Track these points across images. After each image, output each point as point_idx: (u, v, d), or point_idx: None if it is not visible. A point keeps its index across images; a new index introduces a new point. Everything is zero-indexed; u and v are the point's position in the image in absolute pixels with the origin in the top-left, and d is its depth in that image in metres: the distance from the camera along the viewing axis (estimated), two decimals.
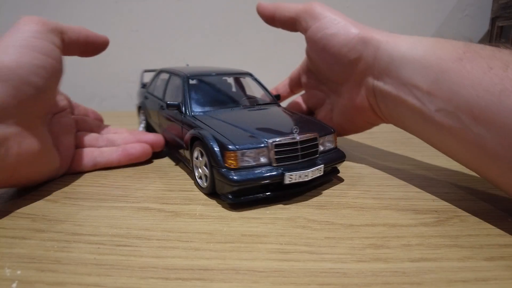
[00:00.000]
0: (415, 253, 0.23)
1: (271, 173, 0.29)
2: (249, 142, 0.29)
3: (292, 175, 0.29)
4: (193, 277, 0.20)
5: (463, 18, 0.77)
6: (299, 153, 0.31)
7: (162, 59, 0.79)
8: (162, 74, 0.47)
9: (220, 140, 0.30)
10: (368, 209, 0.29)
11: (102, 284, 0.19)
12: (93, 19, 0.79)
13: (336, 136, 0.35)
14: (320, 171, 0.31)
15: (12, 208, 0.28)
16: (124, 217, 0.27)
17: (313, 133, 0.32)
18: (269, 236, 0.25)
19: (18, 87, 0.28)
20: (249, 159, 0.29)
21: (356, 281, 0.20)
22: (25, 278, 0.20)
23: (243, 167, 0.29)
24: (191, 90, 0.39)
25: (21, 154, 0.28)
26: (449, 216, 0.28)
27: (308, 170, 0.30)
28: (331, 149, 0.34)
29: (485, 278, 0.20)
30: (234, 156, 0.29)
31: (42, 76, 0.30)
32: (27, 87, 0.29)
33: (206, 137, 0.31)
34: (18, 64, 0.28)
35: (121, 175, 0.36)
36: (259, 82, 0.44)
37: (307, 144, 0.31)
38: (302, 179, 0.30)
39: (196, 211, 0.28)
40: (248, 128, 0.32)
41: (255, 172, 0.29)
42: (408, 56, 0.31)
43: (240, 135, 0.31)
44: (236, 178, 0.28)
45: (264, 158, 0.30)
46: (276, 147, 0.30)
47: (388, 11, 0.77)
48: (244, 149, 0.29)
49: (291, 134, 0.30)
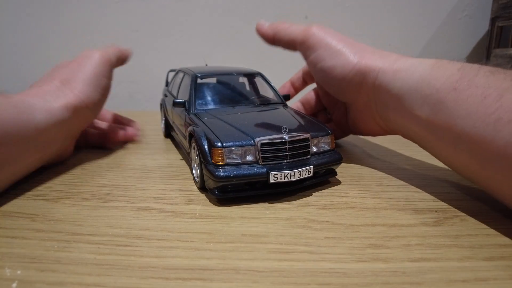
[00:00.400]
0: (415, 253, 0.23)
1: (256, 171, 0.29)
2: (237, 140, 0.30)
3: (277, 174, 0.29)
4: (193, 277, 0.20)
5: (463, 18, 0.77)
6: (287, 153, 0.30)
7: (162, 59, 0.79)
8: (179, 73, 0.48)
9: (209, 137, 0.30)
10: (368, 209, 0.29)
11: (102, 284, 0.19)
12: (94, 19, 0.79)
13: (334, 138, 0.35)
14: (309, 172, 0.31)
15: (12, 208, 0.29)
16: (124, 217, 0.27)
17: (304, 134, 0.32)
18: (269, 236, 0.25)
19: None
20: (236, 157, 0.30)
21: (356, 281, 0.20)
22: (25, 278, 0.20)
23: (229, 164, 0.29)
24: (197, 88, 0.40)
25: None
26: (449, 216, 0.28)
27: (294, 170, 0.30)
28: (327, 150, 0.34)
29: (485, 278, 0.20)
30: (221, 153, 0.29)
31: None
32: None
33: (197, 133, 0.32)
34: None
35: (121, 175, 0.36)
36: (268, 82, 0.44)
37: (297, 144, 0.31)
38: (288, 179, 0.30)
39: (196, 211, 0.29)
40: (242, 127, 0.32)
41: (240, 169, 0.29)
42: (405, 87, 0.32)
43: (230, 133, 0.31)
44: (220, 175, 0.29)
45: (251, 156, 0.30)
46: (262, 145, 0.30)
47: (388, 11, 0.77)
48: (230, 146, 0.29)
49: (280, 133, 0.31)
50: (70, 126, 0.37)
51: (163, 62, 0.79)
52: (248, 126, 0.32)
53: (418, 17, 0.77)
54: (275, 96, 0.43)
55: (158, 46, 0.80)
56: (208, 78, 0.43)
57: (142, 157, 0.43)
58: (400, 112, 0.33)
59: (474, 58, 0.79)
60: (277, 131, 0.31)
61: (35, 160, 0.34)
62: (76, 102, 0.37)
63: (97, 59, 0.40)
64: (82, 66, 0.40)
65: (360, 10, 0.77)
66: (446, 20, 0.77)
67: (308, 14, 0.77)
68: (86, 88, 0.38)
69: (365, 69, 0.35)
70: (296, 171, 0.30)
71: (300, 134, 0.31)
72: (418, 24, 0.78)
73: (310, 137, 0.32)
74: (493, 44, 0.68)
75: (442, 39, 0.78)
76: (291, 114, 0.38)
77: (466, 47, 0.79)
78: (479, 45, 0.78)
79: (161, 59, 0.79)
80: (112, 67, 0.43)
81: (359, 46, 0.38)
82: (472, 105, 0.26)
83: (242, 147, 0.30)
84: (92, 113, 0.40)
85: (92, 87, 0.39)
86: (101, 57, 0.41)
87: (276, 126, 0.32)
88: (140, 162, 0.41)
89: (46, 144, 0.34)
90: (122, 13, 0.78)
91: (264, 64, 0.79)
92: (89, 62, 0.40)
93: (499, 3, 0.65)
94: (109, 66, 0.42)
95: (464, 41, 0.79)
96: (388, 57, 0.35)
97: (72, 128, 0.38)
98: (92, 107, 0.39)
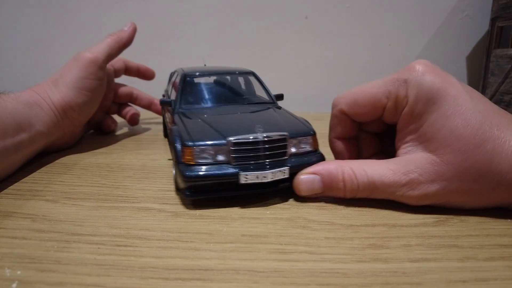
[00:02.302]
0: (415, 253, 0.23)
1: (226, 171, 0.28)
2: (209, 139, 0.29)
3: (247, 175, 0.28)
4: (193, 277, 0.20)
5: (463, 19, 0.77)
6: (262, 153, 0.29)
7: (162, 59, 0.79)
8: (175, 73, 0.48)
9: (182, 136, 0.30)
10: (368, 209, 0.29)
11: (102, 284, 0.19)
12: (94, 19, 0.79)
13: (316, 139, 0.32)
14: (284, 173, 0.29)
15: (12, 208, 0.29)
16: (124, 217, 0.27)
17: (281, 133, 0.30)
18: (269, 236, 0.25)
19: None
20: (208, 156, 0.29)
21: (356, 281, 0.20)
22: (25, 278, 0.20)
23: (199, 163, 0.29)
24: (185, 88, 0.39)
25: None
26: (449, 216, 0.28)
27: (267, 171, 0.29)
28: (308, 151, 0.32)
29: (485, 278, 0.20)
30: (191, 152, 0.29)
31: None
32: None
33: (172, 132, 0.31)
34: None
35: (121, 175, 0.36)
36: (260, 82, 0.44)
37: (272, 144, 0.29)
38: (260, 180, 0.28)
39: (196, 211, 0.28)
40: (219, 126, 0.31)
41: (210, 169, 0.28)
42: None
43: (205, 132, 0.30)
44: (188, 174, 0.28)
45: (223, 156, 0.29)
46: (234, 145, 0.29)
47: (388, 11, 0.77)
48: (200, 145, 0.29)
49: (255, 133, 0.29)
50: (62, 123, 0.42)
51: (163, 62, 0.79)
52: (226, 125, 0.31)
53: (418, 17, 0.77)
54: (266, 95, 0.42)
55: (158, 46, 0.80)
56: (197, 78, 0.42)
57: (142, 157, 0.43)
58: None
59: (474, 58, 0.79)
60: (253, 131, 0.30)
61: (40, 146, 0.39)
62: (61, 103, 0.41)
63: (84, 61, 0.42)
64: (69, 70, 0.43)
65: (360, 10, 0.77)
66: (446, 20, 0.77)
67: (308, 14, 0.77)
68: (70, 91, 0.41)
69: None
70: (269, 172, 0.29)
71: (276, 134, 0.30)
72: (418, 24, 0.78)
73: (288, 137, 0.30)
74: (493, 44, 0.68)
75: (442, 39, 0.78)
76: (277, 114, 0.36)
77: (466, 47, 0.79)
78: (479, 45, 0.78)
79: (161, 59, 0.79)
80: (104, 64, 0.45)
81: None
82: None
83: (214, 147, 0.29)
84: (78, 114, 0.43)
85: (76, 90, 0.42)
86: (87, 59, 0.43)
87: (255, 126, 0.31)
88: (140, 162, 0.41)
89: (49, 134, 0.40)
90: (122, 13, 0.78)
91: (264, 64, 0.79)
92: (75, 65, 0.42)
93: (499, 3, 0.65)
94: (96, 67, 0.43)
95: (464, 41, 0.79)
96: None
97: (64, 126, 0.42)
98: (77, 109, 0.42)
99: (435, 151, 0.26)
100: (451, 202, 0.27)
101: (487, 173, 0.25)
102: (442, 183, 0.26)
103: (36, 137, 0.37)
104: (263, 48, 0.79)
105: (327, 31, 0.77)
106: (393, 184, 0.27)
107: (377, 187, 0.28)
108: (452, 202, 0.27)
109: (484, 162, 0.25)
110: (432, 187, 0.26)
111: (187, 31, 0.80)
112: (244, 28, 0.78)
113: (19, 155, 0.35)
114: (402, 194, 0.27)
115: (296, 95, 0.81)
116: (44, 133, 0.39)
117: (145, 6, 0.78)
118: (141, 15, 0.79)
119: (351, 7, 0.76)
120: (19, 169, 0.37)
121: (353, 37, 0.77)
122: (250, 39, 0.78)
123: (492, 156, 0.25)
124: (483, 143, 0.25)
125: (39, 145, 0.39)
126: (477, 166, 0.25)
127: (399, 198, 0.28)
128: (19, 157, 0.36)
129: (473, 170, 0.25)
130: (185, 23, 0.79)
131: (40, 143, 0.39)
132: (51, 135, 0.40)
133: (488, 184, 0.25)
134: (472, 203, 0.27)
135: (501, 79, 0.64)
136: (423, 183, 0.27)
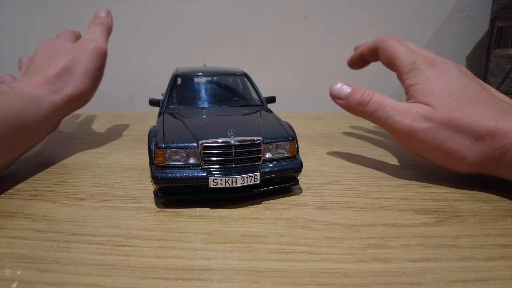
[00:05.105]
0: (415, 253, 0.23)
1: (195, 175, 0.28)
2: (181, 141, 0.29)
3: (216, 179, 0.28)
4: (193, 277, 0.20)
5: (463, 19, 0.77)
6: (233, 158, 0.29)
7: (162, 59, 0.79)
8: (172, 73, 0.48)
9: (157, 137, 0.30)
10: (368, 209, 0.29)
11: (102, 284, 0.19)
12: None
13: (295, 144, 0.32)
14: (255, 179, 0.29)
15: (12, 208, 0.28)
16: (124, 217, 0.27)
17: (254, 138, 0.29)
18: (269, 236, 0.25)
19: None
20: (179, 158, 0.29)
21: (356, 281, 0.20)
22: (25, 278, 0.20)
23: (170, 165, 0.29)
24: (174, 88, 0.40)
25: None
26: (449, 216, 0.28)
27: (236, 176, 0.28)
28: (285, 157, 0.31)
29: (485, 278, 0.20)
30: (162, 154, 0.29)
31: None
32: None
33: (149, 133, 0.31)
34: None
35: (121, 175, 0.36)
36: (252, 84, 0.43)
37: (244, 149, 0.29)
38: (229, 185, 0.28)
39: (196, 211, 0.28)
40: (195, 128, 0.31)
41: (179, 172, 0.29)
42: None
43: (180, 134, 0.30)
44: (158, 176, 0.28)
45: (194, 159, 0.29)
46: (205, 148, 0.29)
47: (388, 11, 0.77)
48: (172, 147, 0.29)
49: (227, 136, 0.29)
50: (68, 110, 0.43)
51: (163, 62, 0.79)
52: (202, 128, 0.31)
53: (418, 17, 0.77)
54: (257, 98, 0.41)
55: (158, 46, 0.80)
56: (188, 78, 0.41)
57: (142, 157, 0.43)
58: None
59: (474, 58, 0.79)
60: (226, 135, 0.29)
61: (40, 139, 0.40)
62: (76, 93, 0.42)
63: (96, 53, 0.44)
64: (83, 58, 0.43)
65: (360, 10, 0.77)
66: (446, 20, 0.77)
67: (308, 14, 0.77)
68: (86, 81, 0.43)
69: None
70: (239, 178, 0.28)
71: (248, 139, 0.29)
72: (418, 24, 0.78)
73: (261, 142, 0.30)
74: (493, 44, 0.68)
75: (442, 39, 0.78)
76: (262, 117, 0.35)
77: (466, 47, 0.79)
78: (479, 45, 0.78)
79: (161, 59, 0.79)
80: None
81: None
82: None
83: (185, 149, 0.29)
84: (86, 100, 0.45)
85: (92, 80, 0.44)
86: (98, 50, 0.44)
87: (231, 129, 0.30)
88: (140, 162, 0.41)
89: (49, 126, 0.41)
90: (122, 13, 0.78)
91: (264, 64, 0.79)
92: (88, 55, 0.43)
93: (499, 3, 0.65)
94: (105, 58, 0.46)
95: (464, 41, 0.78)
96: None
97: (68, 112, 0.44)
98: (87, 95, 0.45)
99: (432, 102, 0.33)
100: (435, 153, 0.33)
101: (468, 129, 0.30)
102: (432, 124, 0.32)
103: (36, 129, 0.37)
104: (263, 48, 0.79)
105: (327, 31, 0.77)
106: (395, 108, 0.34)
107: (383, 106, 0.34)
108: (436, 155, 0.33)
109: (467, 120, 0.30)
110: (424, 124, 0.32)
111: (187, 31, 0.80)
112: (244, 28, 0.78)
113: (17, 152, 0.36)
114: (396, 120, 0.33)
115: (296, 95, 0.81)
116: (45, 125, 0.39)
117: (145, 6, 0.78)
118: (141, 15, 0.79)
119: (351, 7, 0.76)
120: (19, 169, 0.37)
121: (353, 37, 0.77)
122: (250, 39, 0.78)
123: (475, 116, 0.30)
124: (472, 103, 0.31)
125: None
126: (462, 121, 0.31)
127: (392, 123, 0.33)
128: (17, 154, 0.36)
129: (457, 123, 0.31)
130: (185, 23, 0.79)
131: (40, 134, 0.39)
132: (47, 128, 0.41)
133: (468, 139, 0.30)
134: (453, 160, 0.32)
135: (501, 79, 0.64)
136: (417, 116, 0.32)
